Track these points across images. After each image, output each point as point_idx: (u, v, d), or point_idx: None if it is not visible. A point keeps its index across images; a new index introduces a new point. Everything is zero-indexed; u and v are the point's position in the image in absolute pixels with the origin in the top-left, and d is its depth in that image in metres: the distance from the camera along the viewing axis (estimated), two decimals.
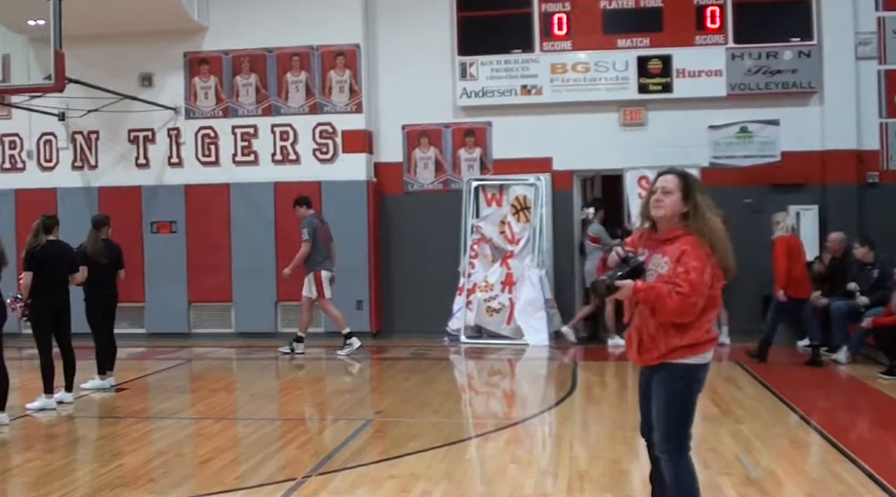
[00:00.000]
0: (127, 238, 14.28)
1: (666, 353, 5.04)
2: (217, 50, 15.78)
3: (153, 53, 15.81)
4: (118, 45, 15.67)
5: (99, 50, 15.47)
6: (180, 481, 7.17)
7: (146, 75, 15.91)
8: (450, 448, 7.98)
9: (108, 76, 15.15)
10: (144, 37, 15.64)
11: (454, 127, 15.51)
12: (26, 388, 10.68)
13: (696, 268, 4.87)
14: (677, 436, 5.13)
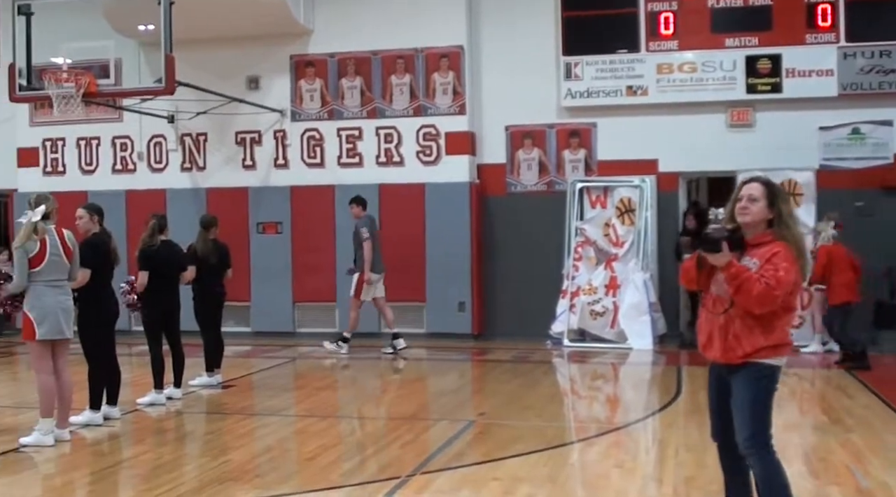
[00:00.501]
0: (234, 238, 14.49)
1: (751, 353, 5.12)
2: (323, 53, 15.95)
3: (260, 56, 16.05)
4: (226, 49, 15.95)
5: (207, 53, 15.76)
6: (286, 477, 7.26)
7: (253, 78, 16.17)
8: (553, 452, 7.92)
9: (216, 79, 15.44)
10: (252, 40, 15.89)
11: (558, 128, 15.44)
12: (137, 383, 10.93)
13: (786, 268, 5.02)
14: (764, 433, 5.20)
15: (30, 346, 8.35)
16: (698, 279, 5.32)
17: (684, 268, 5.39)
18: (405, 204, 15.36)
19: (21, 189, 16.66)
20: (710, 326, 5.27)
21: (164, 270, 10.15)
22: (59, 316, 8.28)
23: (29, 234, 8.15)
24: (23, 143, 17.15)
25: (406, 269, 15.27)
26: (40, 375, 8.33)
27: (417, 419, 9.35)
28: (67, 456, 8.08)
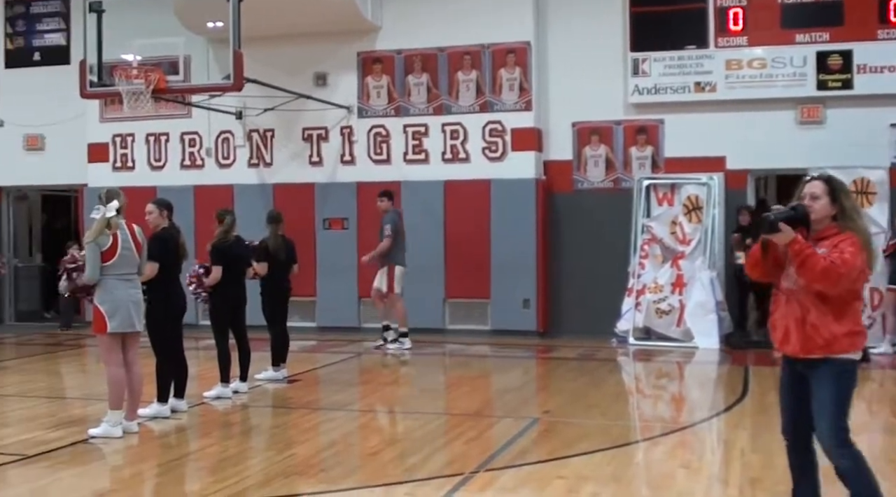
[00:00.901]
0: (300, 234, 14.60)
1: (829, 341, 5.15)
2: (390, 49, 16.00)
3: (327, 53, 16.14)
4: (294, 45, 16.06)
5: (275, 50, 15.87)
6: (350, 472, 7.29)
7: (321, 74, 16.25)
8: (618, 451, 7.86)
9: (283, 75, 15.55)
10: (319, 37, 15.98)
11: (625, 124, 15.32)
12: (204, 377, 11.04)
13: (852, 252, 5.07)
14: (846, 429, 5.25)
15: (100, 339, 8.47)
16: (764, 267, 5.35)
17: (751, 253, 5.40)
18: (470, 200, 15.36)
19: (91, 184, 16.91)
20: (786, 321, 5.29)
21: (234, 265, 10.25)
22: (129, 309, 8.39)
23: (102, 229, 8.26)
24: (93, 139, 17.41)
25: (471, 266, 15.27)
26: (110, 368, 8.45)
27: (482, 416, 9.34)
28: (135, 448, 8.19)
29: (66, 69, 17.15)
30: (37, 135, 18.09)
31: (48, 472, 7.30)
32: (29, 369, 13.16)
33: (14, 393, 11.08)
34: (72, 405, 10.27)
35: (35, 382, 11.90)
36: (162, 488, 7.09)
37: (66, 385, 12.39)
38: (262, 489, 6.72)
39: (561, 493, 6.58)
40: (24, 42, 18.36)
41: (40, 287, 19.20)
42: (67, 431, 8.60)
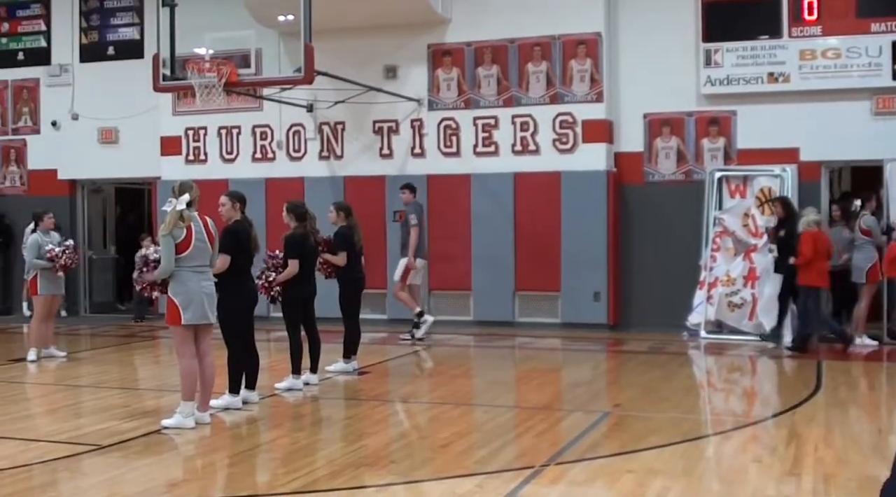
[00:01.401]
0: (370, 227, 14.66)
1: None
2: (460, 41, 15.97)
3: (398, 46, 16.16)
4: (364, 38, 16.10)
5: (345, 43, 15.93)
6: (421, 464, 7.29)
7: (391, 67, 16.28)
8: (688, 445, 7.76)
9: (354, 68, 15.59)
10: (389, 29, 16.01)
11: (697, 116, 15.15)
12: (274, 368, 11.13)
13: None
14: None
15: (174, 330, 8.56)
16: None
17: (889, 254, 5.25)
18: (540, 193, 15.29)
19: (164, 177, 17.14)
20: None
21: (310, 258, 10.30)
22: (203, 301, 8.46)
23: (175, 222, 8.34)
24: (166, 132, 17.64)
25: (541, 259, 15.22)
26: (183, 359, 8.54)
27: (552, 409, 9.30)
28: (207, 438, 8.28)
29: (139, 63, 17.41)
30: (111, 128, 18.37)
31: (122, 462, 7.40)
32: (103, 360, 13.38)
33: (89, 384, 11.27)
34: (145, 396, 10.42)
35: (109, 373, 12.09)
36: (233, 479, 7.14)
37: (140, 376, 12.57)
38: (332, 480, 6.74)
39: (631, 487, 6.52)
40: (99, 37, 18.63)
41: (114, 279, 19.51)
42: (141, 422, 8.72)
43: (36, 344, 12.69)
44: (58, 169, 18.76)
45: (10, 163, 19.38)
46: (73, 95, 18.60)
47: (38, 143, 19.15)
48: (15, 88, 19.31)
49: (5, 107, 19.41)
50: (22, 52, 19.25)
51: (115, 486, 6.73)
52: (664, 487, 6.46)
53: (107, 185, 19.42)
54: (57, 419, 9.17)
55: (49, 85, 18.95)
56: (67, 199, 18.74)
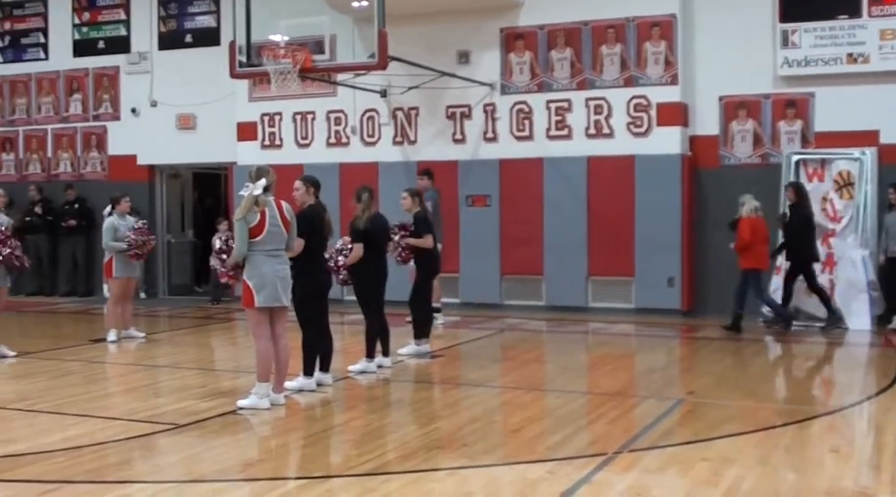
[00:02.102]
0: (444, 211, 14.70)
1: None
2: (533, 25, 15.90)
3: (470, 30, 16.14)
4: (437, 23, 16.10)
5: (418, 28, 15.94)
6: (492, 448, 7.31)
7: (464, 52, 16.26)
8: (764, 434, 7.67)
9: (427, 54, 15.60)
10: (462, 14, 15.99)
11: (774, 98, 14.91)
12: (348, 351, 11.21)
13: None
14: None
15: (248, 313, 8.68)
16: None
17: None
18: (614, 176, 15.19)
19: (240, 162, 17.34)
20: None
21: (380, 241, 10.36)
22: (277, 284, 8.56)
23: (250, 206, 8.44)
24: (242, 118, 17.82)
25: (614, 244, 15.13)
26: (258, 341, 8.66)
27: (625, 396, 9.24)
28: (282, 419, 8.38)
29: (216, 50, 17.64)
30: (189, 114, 18.63)
31: (199, 441, 7.53)
32: (181, 341, 13.60)
33: (167, 364, 11.49)
34: (221, 377, 10.57)
35: (186, 354, 12.30)
36: (307, 459, 7.24)
37: (216, 357, 12.75)
38: (404, 462, 6.80)
39: (705, 475, 6.47)
40: (177, 25, 18.90)
41: (192, 262, 19.81)
42: (217, 402, 8.86)
43: (114, 325, 12.94)
44: (137, 154, 19.09)
45: (92, 149, 19.75)
46: (152, 82, 18.89)
47: (118, 129, 19.50)
48: (96, 76, 19.67)
49: (87, 94, 19.79)
50: (102, 40, 19.59)
51: (192, 465, 6.87)
52: (739, 476, 6.39)
53: (184, 170, 19.71)
54: (136, 398, 9.36)
55: (129, 72, 19.28)
56: (146, 184, 19.07)
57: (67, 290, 19.30)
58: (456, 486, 6.35)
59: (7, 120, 20.59)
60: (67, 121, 20.00)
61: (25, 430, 8.01)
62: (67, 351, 12.29)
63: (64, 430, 7.85)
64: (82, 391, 9.68)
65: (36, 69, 20.26)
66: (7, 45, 20.58)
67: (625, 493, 6.07)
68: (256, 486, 6.37)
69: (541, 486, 6.20)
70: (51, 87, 20.12)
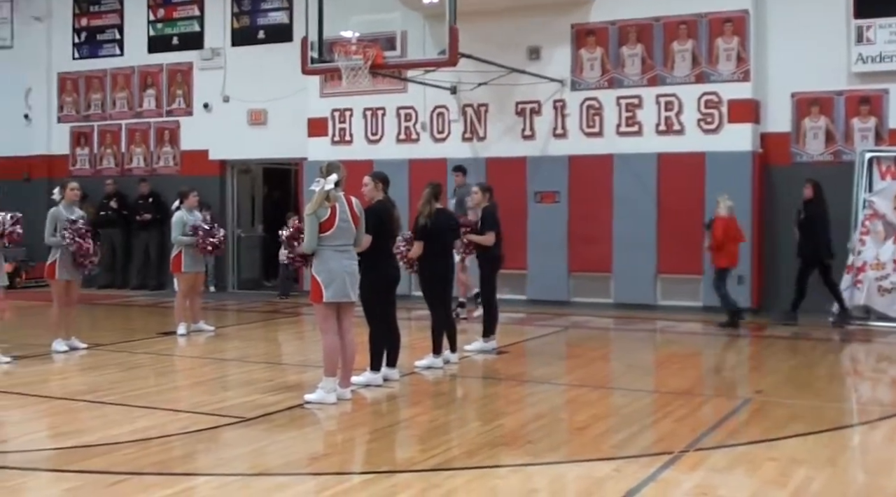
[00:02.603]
0: (511, 208, 14.69)
1: None
2: (604, 21, 15.82)
3: (541, 26, 16.10)
4: (507, 19, 16.08)
5: (489, 24, 15.93)
6: (557, 445, 7.30)
7: (534, 48, 16.23)
8: (833, 434, 7.57)
9: (497, 50, 15.59)
10: (533, 10, 15.96)
11: (847, 94, 14.67)
12: (414, 346, 11.26)
13: None
14: None
15: (316, 307, 8.75)
16: None
17: None
18: (685, 173, 15.05)
19: (311, 158, 17.47)
20: None
21: (443, 238, 10.38)
22: (345, 280, 8.62)
23: (321, 201, 8.51)
24: (313, 114, 17.96)
25: (683, 241, 14.97)
26: (326, 336, 8.72)
27: (692, 394, 9.17)
28: (348, 414, 8.45)
29: (288, 46, 17.77)
30: (260, 110, 18.82)
31: (266, 435, 7.62)
32: (249, 335, 13.76)
33: (234, 358, 11.62)
34: (288, 371, 10.68)
35: (254, 348, 12.44)
36: (373, 454, 7.29)
37: (283, 351, 12.89)
38: (469, 459, 6.81)
39: (773, 475, 6.40)
40: (250, 21, 19.10)
41: (261, 256, 20.00)
42: (284, 396, 8.94)
43: (183, 318, 13.13)
44: (209, 149, 19.33)
45: (165, 143, 20.06)
46: (225, 78, 19.14)
47: (190, 124, 19.78)
48: (170, 72, 19.96)
49: (160, 89, 20.09)
50: (176, 36, 19.87)
51: (258, 458, 6.95)
52: (807, 477, 6.32)
53: (255, 165, 19.91)
54: (203, 391, 9.49)
55: (202, 68, 19.54)
56: (218, 179, 19.30)
57: (138, 283, 19.60)
58: (520, 483, 6.35)
59: (82, 115, 20.99)
60: (141, 116, 20.32)
61: (95, 422, 8.15)
62: (137, 344, 12.49)
63: (132, 422, 7.97)
64: (151, 384, 9.85)
65: (111, 65, 20.64)
66: (83, 41, 20.97)
67: (691, 492, 6.03)
68: (322, 480, 6.42)
69: (606, 484, 6.18)
70: (125, 83, 20.47)
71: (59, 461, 6.91)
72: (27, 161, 21.11)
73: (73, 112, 21.11)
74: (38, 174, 20.84)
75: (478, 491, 6.12)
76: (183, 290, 13.17)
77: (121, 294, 18.99)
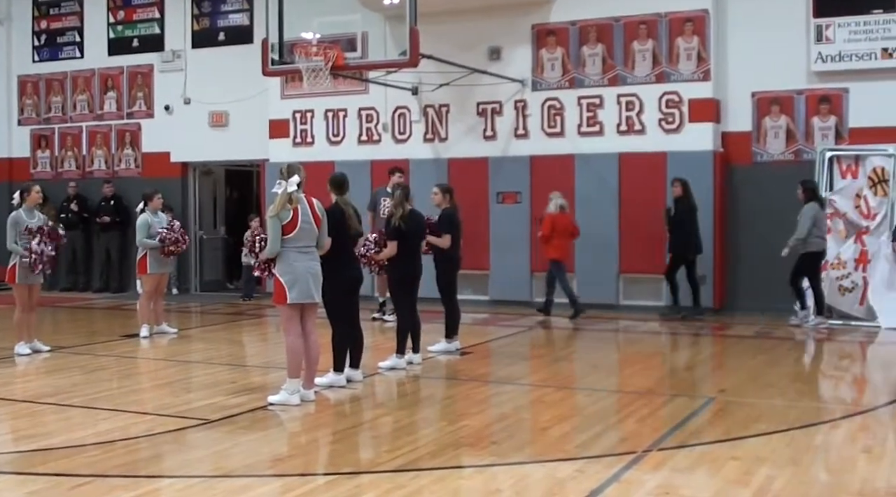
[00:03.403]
0: (473, 208, 14.72)
1: None
2: (564, 21, 15.87)
3: (502, 27, 16.13)
4: (468, 20, 16.10)
5: (450, 25, 15.94)
6: (521, 445, 7.31)
7: (495, 49, 16.25)
8: (795, 433, 7.60)
9: (458, 51, 15.61)
10: (493, 10, 16.00)
11: (807, 93, 14.79)
12: (378, 347, 11.23)
13: None
14: None
15: (280, 309, 8.73)
16: None
17: None
18: (646, 173, 15.12)
19: (272, 159, 17.41)
20: None
21: (413, 240, 10.37)
22: (308, 281, 8.61)
23: (284, 203, 8.49)
24: (274, 116, 17.90)
25: (645, 241, 15.05)
26: (289, 337, 8.69)
27: (654, 394, 9.21)
28: (312, 415, 8.42)
29: (249, 48, 17.70)
30: (221, 112, 18.71)
31: (229, 437, 7.58)
32: (212, 338, 13.67)
33: (198, 359, 11.55)
34: (252, 372, 10.63)
35: (218, 350, 12.36)
36: (336, 455, 7.26)
37: (247, 353, 12.83)
38: (433, 459, 6.81)
39: (736, 474, 6.43)
40: (210, 23, 19.00)
41: (223, 258, 19.90)
42: (248, 398, 8.91)
43: (146, 320, 13.04)
44: (170, 151, 19.20)
45: (126, 146, 19.91)
46: (186, 80, 19.02)
47: (151, 126, 19.65)
48: (130, 74, 19.82)
49: (121, 92, 19.94)
50: (137, 38, 19.74)
51: (221, 460, 6.91)
52: (769, 476, 6.36)
53: (217, 167, 19.80)
54: (167, 393, 9.43)
55: (162, 70, 19.41)
56: (179, 181, 19.20)
57: (101, 285, 19.46)
58: (484, 484, 6.35)
59: (43, 118, 20.79)
60: (102, 118, 20.17)
61: (58, 424, 8.09)
62: (100, 346, 12.42)
63: (96, 425, 7.93)
64: (115, 386, 9.79)
65: (71, 67, 20.47)
66: (43, 43, 20.78)
67: (653, 491, 6.05)
68: (286, 481, 6.39)
69: (569, 485, 6.19)
70: (86, 85, 20.30)
71: (22, 464, 6.86)
72: None
73: (34, 115, 20.92)
74: None
75: (442, 492, 6.11)
76: (148, 291, 13.10)
77: (83, 297, 18.84)
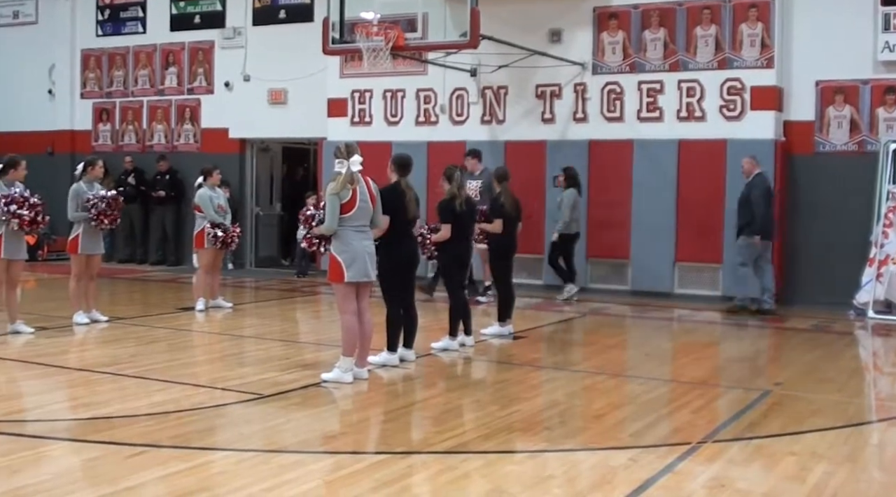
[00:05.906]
0: (529, 191, 14.62)
1: None
2: (626, 4, 15.70)
3: (563, 9, 15.99)
4: (529, 2, 15.99)
5: (510, 7, 15.84)
6: (574, 432, 7.26)
7: (555, 31, 16.12)
8: (853, 430, 7.48)
9: (518, 32, 15.50)
10: None
11: (873, 83, 14.52)
12: (431, 328, 11.22)
13: None
14: None
15: (336, 287, 8.72)
16: None
17: None
18: (705, 161, 14.95)
19: (330, 138, 17.42)
20: None
21: (465, 222, 10.34)
22: (365, 260, 8.61)
23: (345, 183, 8.49)
24: (333, 94, 17.90)
25: (703, 229, 14.90)
26: (345, 316, 8.70)
27: (709, 385, 9.11)
28: (364, 394, 8.43)
29: (309, 27, 17.73)
30: (280, 90, 18.77)
31: (282, 412, 7.60)
32: (266, 313, 13.76)
33: (252, 335, 11.64)
34: (305, 349, 10.68)
35: (271, 326, 12.43)
36: (387, 434, 7.27)
37: (300, 330, 12.89)
38: (483, 442, 6.77)
39: (793, 470, 6.31)
40: (271, 0, 19.03)
41: (279, 235, 20.02)
42: (301, 374, 8.94)
43: (202, 294, 13.13)
44: (229, 128, 19.31)
45: (185, 121, 20.06)
46: (246, 57, 19.10)
47: (211, 102, 19.78)
48: (191, 50, 19.95)
49: (182, 68, 20.08)
50: (198, 15, 19.85)
51: (274, 435, 6.94)
52: (826, 473, 6.23)
53: (274, 144, 19.90)
54: (221, 367, 9.52)
55: (223, 47, 19.51)
56: (237, 157, 19.32)
57: (158, 258, 19.66)
58: (535, 470, 6.30)
59: (105, 91, 21.01)
60: (163, 93, 20.34)
61: (114, 394, 8.18)
62: (156, 318, 12.53)
63: (150, 396, 8.02)
64: (169, 358, 9.86)
65: (134, 42, 20.65)
66: (107, 18, 20.97)
67: (707, 484, 5.97)
68: (337, 459, 6.39)
69: (621, 474, 6.13)
70: (147, 61, 20.47)
71: (79, 431, 6.94)
72: (51, 136, 21.20)
73: (96, 88, 21.15)
74: (61, 149, 20.99)
75: (492, 475, 6.08)
76: (205, 265, 13.17)
77: (140, 269, 19.08)
